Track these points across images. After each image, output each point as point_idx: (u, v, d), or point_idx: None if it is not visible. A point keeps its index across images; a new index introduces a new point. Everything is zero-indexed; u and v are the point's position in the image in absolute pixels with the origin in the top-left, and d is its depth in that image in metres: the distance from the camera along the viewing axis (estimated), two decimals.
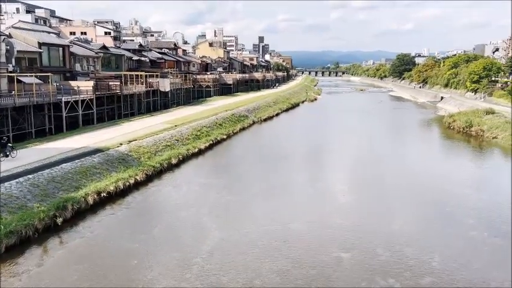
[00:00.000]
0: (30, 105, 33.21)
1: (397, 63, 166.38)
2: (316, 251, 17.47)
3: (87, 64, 48.41)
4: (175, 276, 15.29)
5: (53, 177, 22.51)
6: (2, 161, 24.05)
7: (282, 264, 16.19)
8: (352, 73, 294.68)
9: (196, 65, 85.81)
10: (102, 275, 15.27)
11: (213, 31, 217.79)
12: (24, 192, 20.28)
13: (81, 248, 17.46)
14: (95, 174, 24.88)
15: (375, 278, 15.29)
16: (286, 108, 75.87)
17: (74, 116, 38.31)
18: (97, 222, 20.49)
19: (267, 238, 18.73)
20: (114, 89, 44.57)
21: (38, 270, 15.43)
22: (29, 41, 40.38)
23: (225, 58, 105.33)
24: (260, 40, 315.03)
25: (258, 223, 20.59)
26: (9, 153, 25.09)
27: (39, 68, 40.48)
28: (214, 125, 46.22)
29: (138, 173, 26.96)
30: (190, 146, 36.44)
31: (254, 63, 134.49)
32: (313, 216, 21.81)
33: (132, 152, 29.84)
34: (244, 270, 15.75)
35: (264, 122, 60.10)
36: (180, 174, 30.25)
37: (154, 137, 34.85)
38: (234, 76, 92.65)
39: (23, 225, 17.63)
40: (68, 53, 44.47)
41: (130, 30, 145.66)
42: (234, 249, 17.59)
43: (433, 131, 55.04)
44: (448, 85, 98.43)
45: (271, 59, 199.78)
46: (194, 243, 18.15)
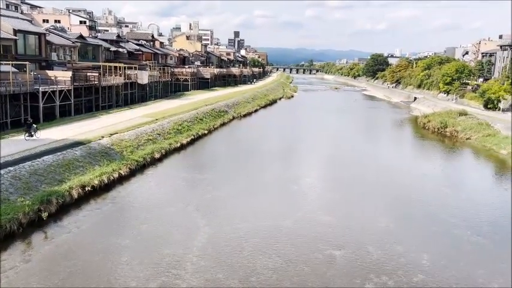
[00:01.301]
0: (6, 94, 31.90)
1: (371, 62, 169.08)
2: (307, 248, 17.60)
3: (64, 54, 46.88)
4: (169, 273, 15.07)
5: (35, 169, 21.73)
6: (26, 140, 26.58)
7: (276, 261, 16.23)
8: (326, 71, 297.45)
9: (173, 58, 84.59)
10: (92, 272, 14.88)
11: (188, 24, 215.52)
12: (6, 185, 19.48)
13: (68, 244, 16.94)
14: (77, 167, 24.18)
15: (368, 275, 15.54)
16: (264, 105, 75.90)
17: (51, 107, 37.06)
18: (83, 217, 19.94)
19: (258, 235, 18.73)
20: (92, 80, 43.37)
21: (25, 267, 14.88)
22: (4, 28, 38.66)
23: (202, 52, 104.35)
24: (236, 35, 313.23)
25: (247, 219, 20.54)
26: (34, 133, 27.47)
27: (14, 56, 38.85)
28: (195, 119, 45.74)
29: (121, 167, 26.41)
30: (172, 140, 35.96)
31: (231, 58, 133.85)
32: (299, 213, 21.91)
33: (114, 146, 29.16)
34: (239, 267, 15.69)
35: (244, 117, 59.95)
36: (164, 169, 29.82)
37: (136, 130, 34.18)
38: (212, 70, 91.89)
39: (7, 220, 16.97)
40: (44, 41, 42.89)
41: (105, 20, 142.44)
42: (226, 246, 17.49)
43: (409, 131, 56.34)
44: (421, 86, 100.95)
45: (246, 54, 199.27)
46: (185, 239, 17.94)
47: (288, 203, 23.56)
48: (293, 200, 24.34)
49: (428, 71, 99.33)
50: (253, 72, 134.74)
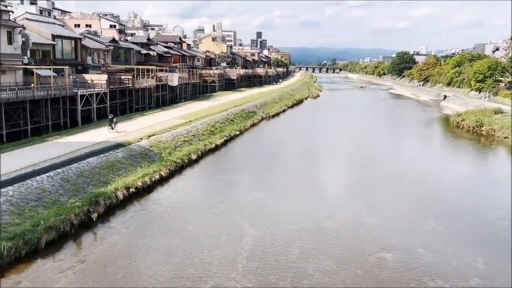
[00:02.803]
0: (48, 98, 32.77)
1: (396, 60, 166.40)
2: (355, 250, 17.41)
3: (98, 57, 47.90)
4: (221, 274, 15.13)
5: (81, 171, 22.24)
6: (110, 132, 31.59)
7: (326, 264, 16.11)
8: (349, 70, 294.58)
9: (200, 60, 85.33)
10: (146, 273, 15.08)
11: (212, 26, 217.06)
12: (56, 187, 20.01)
13: (119, 245, 17.24)
14: (120, 169, 24.62)
15: (422, 278, 15.25)
16: (291, 105, 75.72)
17: (87, 109, 37.90)
18: (129, 218, 20.28)
19: (303, 236, 18.64)
20: (126, 82, 44.16)
21: (81, 267, 15.21)
22: (43, 33, 39.81)
23: (228, 53, 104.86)
24: (258, 35, 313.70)
25: (290, 221, 20.45)
26: (114, 126, 32.29)
27: (53, 60, 39.97)
28: (226, 120, 45.95)
29: (161, 169, 26.74)
30: (207, 141, 36.21)
31: (255, 58, 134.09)
32: (342, 214, 21.70)
33: (153, 147, 29.56)
34: (289, 269, 15.63)
35: (272, 118, 59.95)
36: (201, 170, 30.06)
37: (172, 132, 34.58)
38: (238, 71, 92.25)
39: (60, 221, 17.38)
40: (80, 45, 43.95)
41: (131, 23, 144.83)
42: (273, 247, 17.46)
43: (442, 130, 55.10)
44: (451, 84, 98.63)
45: (269, 54, 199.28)
46: (232, 240, 18.00)
47: (329, 204, 23.36)
48: (333, 201, 24.13)
49: (459, 69, 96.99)
50: (277, 72, 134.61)
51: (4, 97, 28.77)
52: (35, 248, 15.93)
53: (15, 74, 34.70)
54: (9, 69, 34.01)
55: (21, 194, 18.41)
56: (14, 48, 34.37)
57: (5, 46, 33.49)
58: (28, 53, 36.47)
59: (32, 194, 18.74)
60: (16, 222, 16.58)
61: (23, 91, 30.67)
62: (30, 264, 15.17)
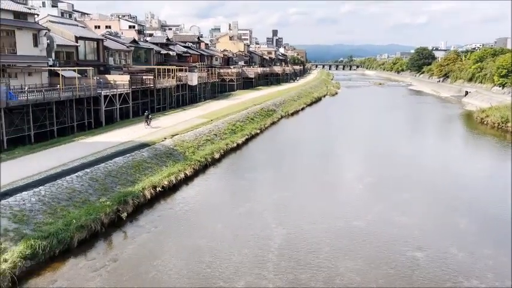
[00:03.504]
0: (73, 99, 33.27)
1: (415, 56, 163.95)
2: (386, 249, 17.18)
3: (119, 58, 48.43)
4: (252, 273, 15.10)
5: (109, 171, 22.50)
6: (146, 128, 34.06)
7: (357, 263, 15.94)
8: (367, 67, 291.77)
9: (218, 59, 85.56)
10: (177, 272, 15.15)
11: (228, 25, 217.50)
12: (85, 187, 20.29)
13: (149, 244, 17.36)
14: (147, 168, 24.83)
15: (457, 278, 14.96)
16: (310, 103, 75.37)
17: (110, 110, 38.35)
18: (158, 217, 20.42)
19: (333, 235, 18.48)
20: (148, 83, 44.53)
21: (114, 266, 15.37)
22: (66, 35, 40.44)
23: (245, 52, 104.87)
24: (274, 33, 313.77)
25: (318, 220, 20.31)
26: (150, 122, 35.04)
27: (76, 61, 40.57)
28: (246, 119, 45.97)
29: (186, 168, 26.87)
30: (229, 140, 36.26)
31: (272, 56, 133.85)
32: (370, 213, 21.44)
33: (177, 147, 29.74)
34: (320, 268, 15.51)
35: (291, 116, 59.74)
36: (225, 169, 30.11)
37: (194, 131, 34.75)
38: (256, 70, 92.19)
39: (91, 220, 17.61)
40: (101, 46, 44.49)
41: (148, 23, 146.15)
42: (303, 246, 17.35)
43: (466, 127, 54.06)
44: (472, 79, 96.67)
45: (285, 52, 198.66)
46: (261, 239, 17.95)
47: (356, 203, 23.13)
48: (359, 199, 23.88)
49: (481, 64, 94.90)
50: (294, 70, 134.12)
51: (32, 98, 29.30)
52: (68, 247, 16.17)
53: (41, 76, 35.33)
54: (35, 71, 34.65)
55: (53, 193, 18.72)
56: (39, 51, 34.98)
57: (31, 48, 34.13)
58: (53, 55, 37.09)
59: (62, 193, 19.04)
60: (49, 221, 16.86)
61: (49, 92, 31.18)
62: (64, 263, 15.40)
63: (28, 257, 14.61)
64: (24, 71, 33.66)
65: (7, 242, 14.89)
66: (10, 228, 15.64)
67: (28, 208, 17.10)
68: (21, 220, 16.23)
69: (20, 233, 15.58)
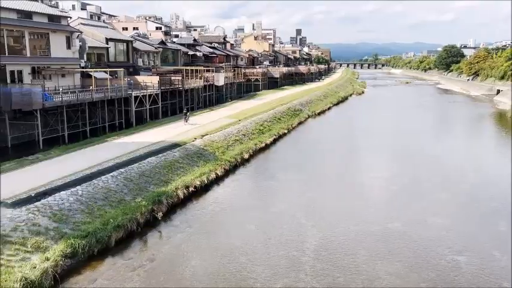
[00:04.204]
0: (104, 100, 33.85)
1: (443, 54, 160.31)
2: (425, 252, 16.71)
3: (148, 59, 49.06)
4: (289, 275, 14.93)
5: (142, 171, 22.73)
6: (185, 124, 35.89)
7: (396, 266, 15.55)
8: (392, 65, 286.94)
9: (244, 59, 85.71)
10: (215, 272, 15.11)
11: (251, 25, 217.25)
12: (120, 186, 20.54)
13: (185, 244, 17.41)
14: (179, 168, 24.98)
15: (502, 283, 14.40)
16: (336, 102, 74.59)
17: (140, 110, 38.87)
18: (191, 216, 20.48)
19: (368, 237, 18.12)
20: (176, 83, 44.94)
21: (152, 266, 15.46)
22: (97, 37, 41.22)
23: (270, 51, 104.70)
24: (297, 33, 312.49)
25: (353, 221, 19.96)
26: (188, 119, 36.86)
27: (106, 63, 41.29)
28: (273, 119, 45.78)
29: (217, 168, 26.90)
30: (257, 140, 36.19)
31: (297, 56, 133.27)
32: (406, 215, 20.94)
33: (207, 147, 29.84)
34: (358, 271, 15.21)
35: (318, 116, 59.21)
36: (255, 169, 30.03)
37: (223, 131, 34.81)
38: (281, 70, 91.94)
39: (127, 219, 17.78)
40: (131, 48, 45.16)
41: (174, 25, 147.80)
42: (339, 248, 17.07)
43: (499, 126, 52.41)
44: (504, 77, 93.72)
45: (309, 51, 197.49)
46: (296, 241, 17.75)
47: (389, 204, 22.67)
48: (393, 200, 23.38)
49: None
50: (319, 69, 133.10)
51: (66, 100, 29.95)
52: (106, 246, 16.36)
53: (73, 77, 36.13)
54: (68, 72, 35.43)
55: (90, 193, 19.02)
56: (72, 53, 35.77)
57: (64, 51, 34.93)
58: (85, 57, 37.86)
59: (99, 193, 19.32)
60: (87, 220, 17.12)
61: (82, 93, 31.82)
62: (102, 262, 15.59)
63: (68, 255, 14.85)
64: (58, 72, 34.47)
65: (48, 241, 15.17)
66: (50, 227, 15.94)
67: (67, 207, 17.41)
68: (60, 219, 16.52)
69: (60, 232, 15.86)
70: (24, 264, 13.69)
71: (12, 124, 29.17)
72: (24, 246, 14.56)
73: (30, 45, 32.29)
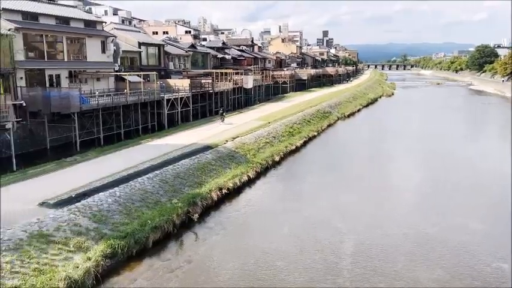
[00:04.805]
0: (138, 103, 34.47)
1: (476, 55, 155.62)
2: (467, 259, 16.18)
3: (179, 62, 49.74)
4: (328, 280, 14.73)
5: (177, 173, 23.00)
6: (220, 124, 37.65)
7: (438, 273, 15.11)
8: (422, 66, 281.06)
9: (271, 61, 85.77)
10: (252, 275, 15.07)
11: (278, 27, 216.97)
12: (156, 188, 20.83)
13: (221, 245, 17.48)
14: (212, 170, 25.14)
15: None
16: (366, 104, 73.58)
17: (171, 113, 39.38)
18: (225, 219, 20.55)
19: (406, 242, 17.71)
20: (206, 86, 45.34)
21: (190, 267, 15.57)
22: (130, 41, 42.07)
23: (297, 53, 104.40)
24: (324, 34, 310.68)
25: (388, 226, 19.56)
26: (223, 120, 38.72)
27: (139, 66, 42.08)
28: (303, 121, 45.51)
29: (248, 170, 26.94)
30: (287, 143, 36.05)
31: (324, 57, 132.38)
32: (444, 220, 20.35)
33: (238, 149, 29.93)
34: (399, 277, 14.86)
35: (348, 118, 58.54)
36: (286, 172, 29.90)
37: (254, 133, 34.85)
38: (309, 72, 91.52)
39: (164, 221, 17.99)
40: (162, 51, 45.88)
41: (202, 28, 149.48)
42: (377, 254, 16.73)
43: None
44: None
45: (336, 52, 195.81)
46: (332, 245, 17.52)
47: (426, 208, 22.07)
48: (429, 204, 22.73)
49: None
50: (347, 70, 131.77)
51: (102, 103, 30.66)
52: (144, 247, 16.59)
53: (108, 81, 36.98)
54: (103, 76, 36.29)
55: (127, 194, 19.37)
56: (106, 57, 36.63)
57: (99, 55, 35.81)
58: (118, 61, 38.68)
59: (136, 194, 19.65)
60: (125, 221, 17.43)
61: (117, 97, 32.50)
62: (141, 263, 15.80)
63: (109, 256, 15.11)
64: (93, 76, 35.36)
65: (89, 241, 15.51)
66: (91, 227, 16.30)
67: (105, 208, 17.77)
68: (100, 220, 16.88)
69: (100, 232, 16.19)
70: (67, 264, 14.03)
71: (50, 126, 30.09)
72: (66, 246, 14.93)
73: (68, 50, 33.26)
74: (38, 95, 28.66)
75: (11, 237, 14.35)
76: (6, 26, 28.75)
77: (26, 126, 29.30)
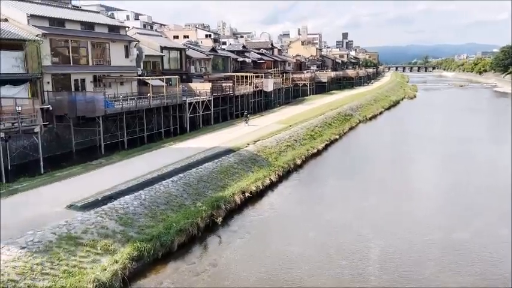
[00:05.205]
0: (161, 106, 34.82)
1: (501, 56, 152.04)
2: (501, 266, 15.72)
3: (200, 66, 50.09)
4: (354, 286, 14.52)
5: (200, 176, 23.08)
6: (245, 126, 38.74)
7: (470, 281, 14.73)
8: (444, 68, 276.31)
9: (291, 64, 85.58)
10: (279, 280, 14.95)
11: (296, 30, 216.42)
12: (180, 191, 20.94)
13: (245, 249, 17.43)
14: (234, 173, 25.16)
15: None
16: (388, 106, 72.68)
17: (193, 116, 39.65)
18: (249, 222, 20.50)
19: (434, 248, 17.33)
20: (227, 90, 45.50)
21: (215, 271, 15.56)
22: (152, 46, 42.58)
23: (317, 56, 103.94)
24: (344, 36, 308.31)
25: (416, 230, 19.17)
26: (248, 122, 39.78)
27: (161, 70, 42.53)
28: (324, 124, 45.20)
29: (270, 174, 26.86)
30: (309, 146, 35.83)
31: (344, 60, 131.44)
32: (474, 224, 19.87)
33: (260, 152, 29.89)
34: (428, 284, 14.53)
35: (369, 120, 57.90)
36: (308, 175, 29.70)
37: (275, 137, 34.76)
38: (329, 74, 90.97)
39: (188, 224, 18.05)
40: (184, 55, 46.26)
41: (221, 32, 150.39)
42: (405, 259, 16.42)
43: None
44: None
45: (356, 55, 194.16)
46: (358, 250, 17.27)
47: (453, 213, 21.58)
48: (456, 209, 22.23)
49: None
50: (367, 73, 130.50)
51: (126, 106, 31.08)
52: (169, 250, 16.66)
53: (131, 85, 37.49)
54: (127, 80, 36.81)
55: (152, 197, 19.52)
56: (130, 61, 37.15)
57: (122, 59, 36.34)
58: (141, 65, 39.18)
59: (160, 197, 19.79)
60: (151, 224, 17.55)
61: (140, 100, 32.90)
62: (166, 266, 15.88)
63: (135, 258, 15.23)
64: (117, 80, 35.90)
65: (116, 244, 15.66)
66: (117, 230, 16.47)
67: (131, 211, 17.95)
68: (126, 223, 17.04)
69: (126, 235, 16.34)
70: (95, 266, 14.20)
71: (75, 130, 30.65)
72: (94, 248, 15.11)
73: (92, 54, 33.88)
74: (64, 99, 29.25)
75: (41, 239, 14.61)
76: (34, 32, 29.47)
77: (53, 129, 29.93)
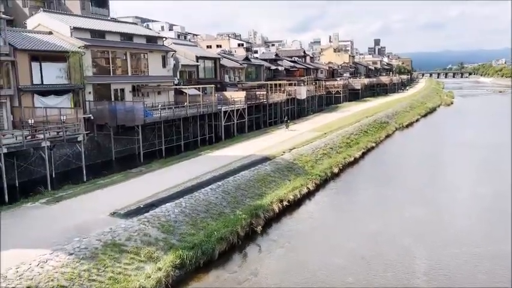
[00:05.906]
0: (197, 115, 35.24)
1: None
2: None
3: (234, 75, 50.51)
4: None
5: (238, 184, 23.10)
6: (286, 131, 40.32)
7: None
8: (481, 74, 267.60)
9: (324, 72, 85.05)
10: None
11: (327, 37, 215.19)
12: (219, 199, 21.00)
13: (286, 259, 17.22)
14: (271, 182, 25.04)
15: None
16: (424, 113, 70.91)
17: (228, 125, 39.88)
18: (288, 231, 20.28)
19: (486, 260, 16.56)
20: (261, 98, 45.60)
21: (257, 280, 15.43)
22: (188, 55, 43.30)
23: (350, 63, 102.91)
24: (376, 43, 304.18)
25: (462, 241, 18.43)
26: (288, 127, 41.64)
27: (197, 80, 43.13)
28: (360, 132, 44.50)
29: (308, 182, 26.57)
30: (345, 154, 35.29)
31: (377, 66, 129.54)
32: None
33: (296, 161, 29.66)
34: None
35: (406, 128, 56.57)
36: (346, 184, 29.21)
37: (310, 145, 34.45)
38: (362, 81, 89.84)
39: (228, 232, 18.02)
40: (218, 65, 46.78)
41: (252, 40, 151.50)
42: (454, 271, 15.77)
43: None
44: None
45: (389, 61, 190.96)
46: (403, 261, 16.74)
47: (498, 224, 20.59)
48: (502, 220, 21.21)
49: None
50: (401, 79, 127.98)
51: (164, 115, 31.62)
52: (210, 258, 16.66)
53: (168, 94, 38.19)
54: (164, 89, 37.51)
55: (192, 205, 19.66)
56: (167, 71, 37.88)
57: (160, 69, 37.11)
58: (177, 74, 39.87)
59: (200, 205, 19.90)
60: (192, 232, 17.63)
61: (178, 109, 33.41)
62: (208, 274, 15.87)
63: (178, 266, 15.29)
64: (155, 90, 36.63)
65: (158, 251, 15.80)
66: (160, 237, 16.63)
67: (173, 219, 18.11)
68: (168, 230, 17.19)
69: (168, 243, 16.47)
70: (139, 273, 14.34)
71: (115, 139, 31.40)
72: (137, 255, 15.29)
73: (131, 65, 34.75)
74: (104, 109, 30.07)
75: (87, 246, 14.92)
76: (76, 43, 30.54)
77: (94, 138, 30.78)
